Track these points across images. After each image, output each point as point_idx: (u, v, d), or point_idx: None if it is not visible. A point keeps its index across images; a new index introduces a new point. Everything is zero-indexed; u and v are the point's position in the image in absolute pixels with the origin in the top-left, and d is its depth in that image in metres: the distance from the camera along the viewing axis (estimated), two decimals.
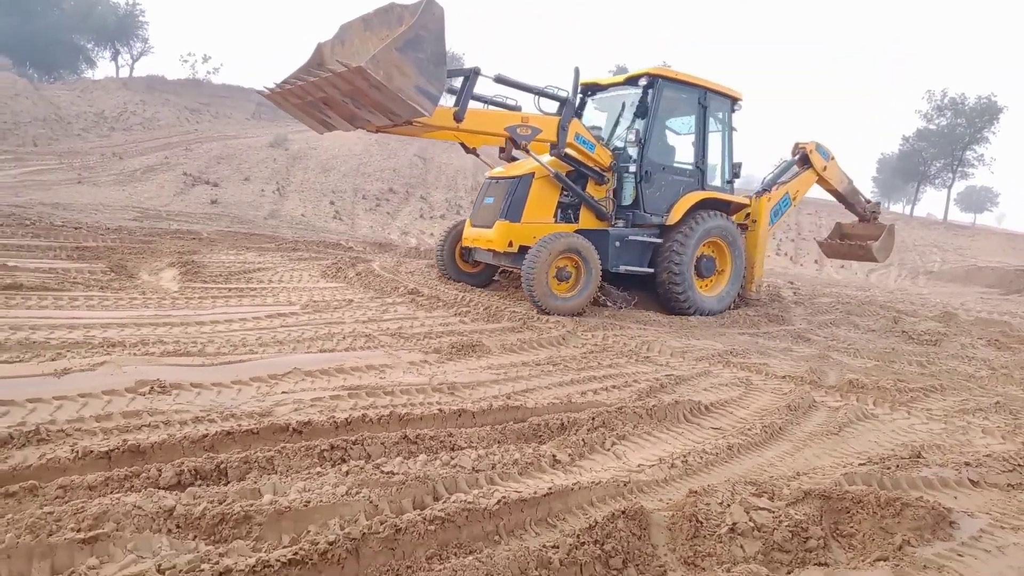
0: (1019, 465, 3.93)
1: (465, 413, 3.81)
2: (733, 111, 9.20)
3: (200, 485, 2.75)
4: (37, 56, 39.54)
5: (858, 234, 11.74)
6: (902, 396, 5.32)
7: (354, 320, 6.06)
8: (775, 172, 10.64)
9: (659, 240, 8.57)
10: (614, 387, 4.80)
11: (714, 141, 9.12)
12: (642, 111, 8.62)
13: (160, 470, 2.77)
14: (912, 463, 3.89)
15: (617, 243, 8.30)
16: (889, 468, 3.74)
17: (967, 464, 3.89)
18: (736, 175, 9.34)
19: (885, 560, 2.83)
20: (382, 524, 2.50)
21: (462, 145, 7.94)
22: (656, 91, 8.54)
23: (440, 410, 3.77)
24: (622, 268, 8.37)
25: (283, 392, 3.94)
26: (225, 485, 2.76)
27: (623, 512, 2.81)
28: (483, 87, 7.76)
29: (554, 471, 3.35)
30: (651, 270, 8.59)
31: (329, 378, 4.30)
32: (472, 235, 8.47)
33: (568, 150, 8.04)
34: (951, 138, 46.66)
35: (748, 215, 9.75)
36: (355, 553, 2.40)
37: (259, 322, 5.66)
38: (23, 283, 5.83)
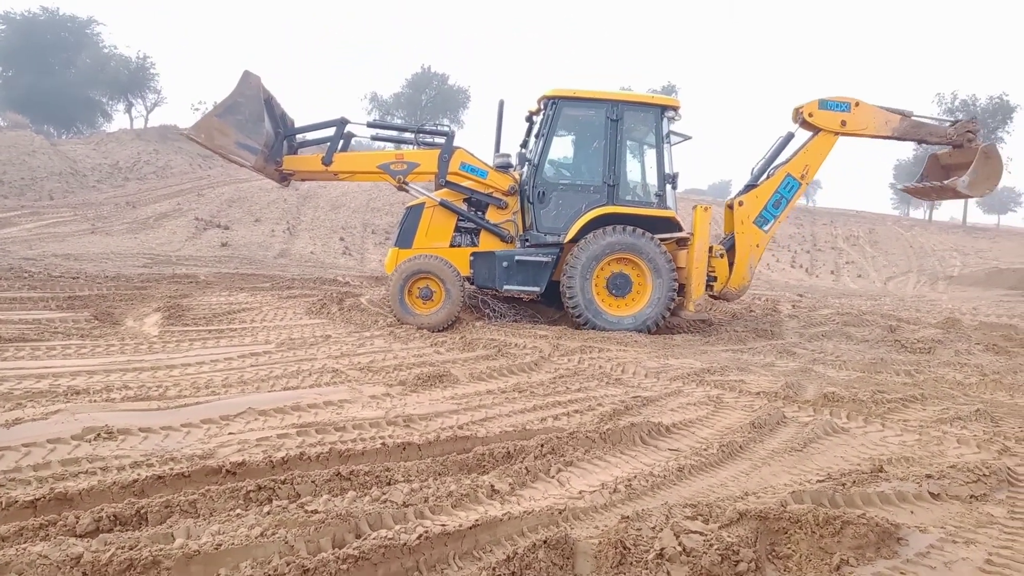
0: (984, 475, 3.81)
1: (410, 446, 3.79)
2: (665, 120, 8.85)
3: (117, 531, 2.75)
4: (55, 113, 40.79)
5: (955, 164, 9.42)
6: (879, 408, 5.20)
7: (326, 356, 6.08)
8: (767, 156, 9.49)
9: (546, 259, 8.62)
10: (576, 412, 4.75)
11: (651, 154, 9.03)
12: (540, 132, 8.87)
13: (78, 517, 2.78)
14: (872, 478, 3.79)
15: (504, 263, 8.60)
16: (845, 484, 3.64)
17: (929, 477, 3.78)
18: (672, 186, 9.02)
19: None
20: (288, 565, 2.48)
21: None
22: (553, 111, 8.74)
23: (383, 444, 3.75)
24: (506, 288, 8.71)
25: (231, 433, 3.94)
26: (141, 530, 2.76)
27: (545, 541, 2.77)
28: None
29: (491, 501, 3.30)
30: (536, 288, 8.68)
31: (283, 416, 4.30)
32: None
33: (456, 179, 8.77)
34: None
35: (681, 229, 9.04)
36: None
37: (230, 363, 5.70)
38: (1, 335, 5.93)
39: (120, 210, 25.93)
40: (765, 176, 9.26)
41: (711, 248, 8.68)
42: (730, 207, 8.97)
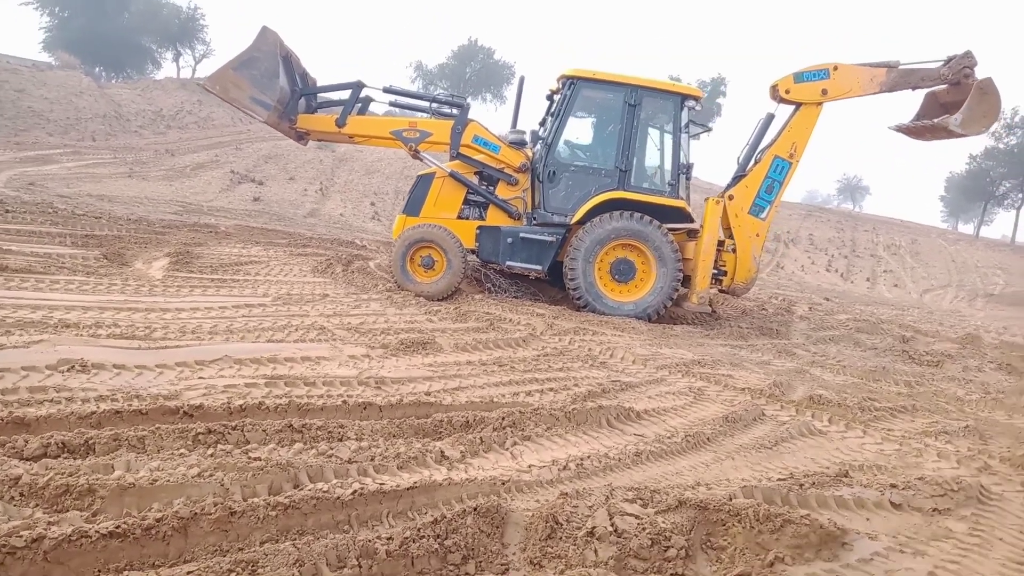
0: (952, 490, 3.71)
1: (371, 407, 3.82)
2: (684, 110, 8.65)
3: (62, 458, 2.83)
4: (106, 56, 41.51)
5: (953, 102, 8.66)
6: (864, 415, 5.09)
7: (319, 314, 6.14)
8: (751, 141, 9.09)
9: (551, 239, 8.57)
10: (551, 390, 4.74)
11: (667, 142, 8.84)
12: (556, 111, 8.77)
13: (27, 441, 2.86)
14: (834, 482, 3.72)
15: (509, 239, 8.57)
16: (804, 485, 3.59)
17: (893, 486, 3.70)
18: (686, 177, 8.87)
19: None
20: (216, 506, 2.52)
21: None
22: (571, 91, 8.63)
23: (344, 402, 3.79)
24: (509, 264, 8.67)
25: (200, 378, 4.01)
26: (84, 459, 2.83)
27: (475, 509, 2.77)
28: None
29: (437, 467, 3.32)
30: (539, 267, 8.62)
31: (257, 367, 4.36)
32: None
33: (468, 152, 8.74)
34: (1022, 158, 44.50)
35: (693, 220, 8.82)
36: (183, 531, 2.42)
37: (223, 311, 5.79)
38: (8, 265, 6.10)
39: (159, 157, 26.39)
40: (752, 163, 8.96)
41: (722, 242, 8.52)
42: (718, 202, 8.64)
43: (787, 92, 8.68)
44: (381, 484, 2.95)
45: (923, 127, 8.85)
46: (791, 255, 31.45)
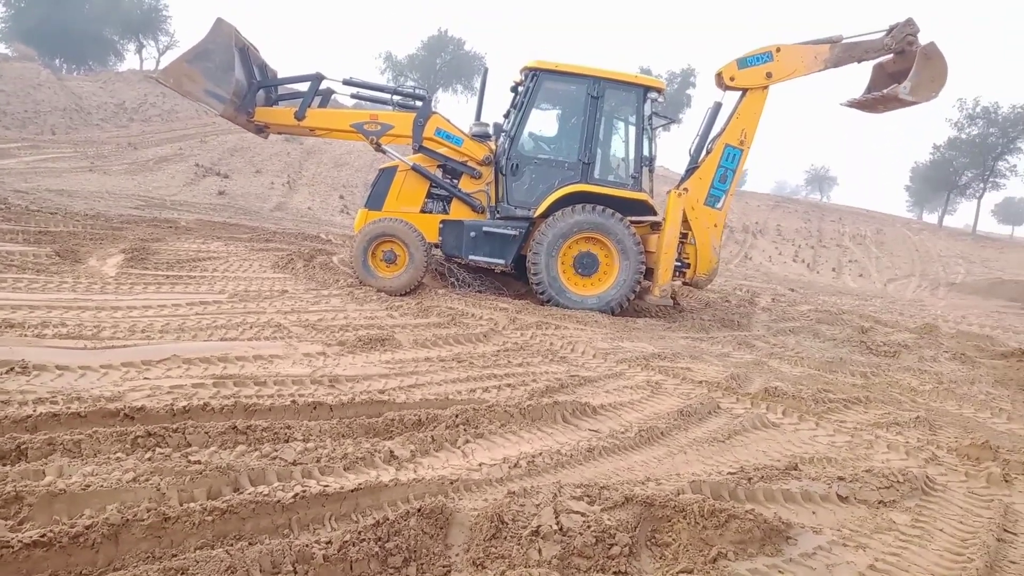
0: (898, 482, 3.77)
1: (321, 406, 3.77)
2: (648, 102, 8.61)
3: None
4: (67, 48, 40.48)
5: (900, 71, 8.60)
6: (818, 407, 5.16)
7: (276, 311, 6.05)
8: (700, 131, 9.03)
9: (514, 233, 8.55)
10: (508, 386, 4.72)
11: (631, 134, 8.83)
12: (519, 103, 8.73)
13: None
14: (783, 475, 3.76)
15: (472, 233, 8.54)
16: (752, 479, 3.61)
17: (841, 479, 3.75)
18: (649, 169, 8.86)
19: (689, 572, 2.74)
20: (149, 512, 2.46)
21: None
22: (534, 83, 8.59)
23: (293, 402, 3.73)
24: (472, 258, 8.66)
25: (146, 379, 3.93)
26: (15, 465, 2.75)
27: (419, 510, 2.75)
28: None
29: (386, 467, 3.28)
30: (502, 261, 8.61)
31: (206, 366, 4.28)
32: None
33: (430, 145, 8.73)
34: (983, 148, 45.45)
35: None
36: (113, 539, 2.37)
37: (176, 309, 5.68)
38: None
39: (121, 150, 25.83)
40: (704, 153, 8.92)
41: (685, 234, 8.55)
42: (680, 195, 8.60)
43: (732, 79, 8.64)
44: (325, 486, 2.90)
45: (874, 99, 8.84)
46: (759, 246, 31.83)
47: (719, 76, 8.75)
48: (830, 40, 8.61)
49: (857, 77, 9.19)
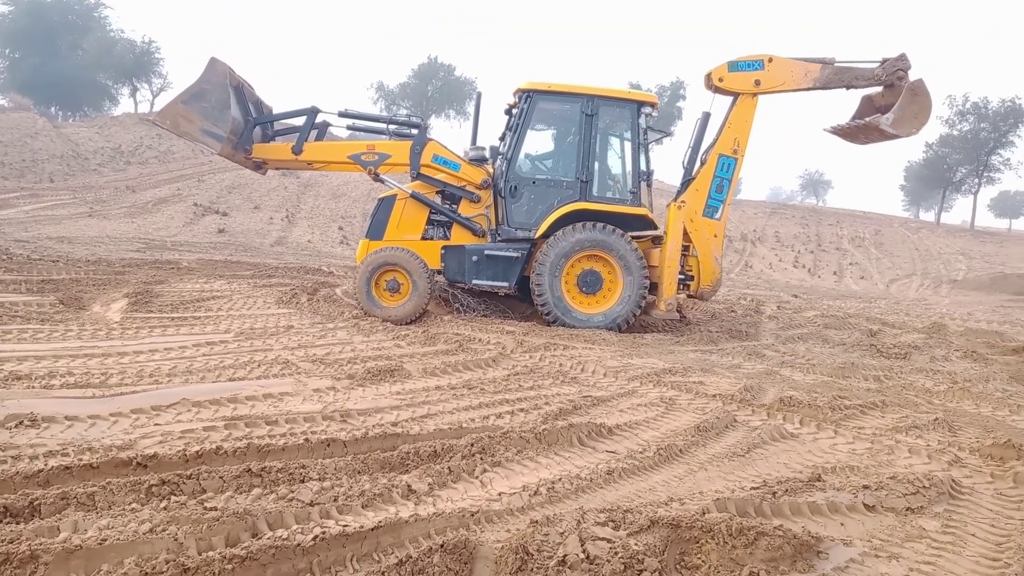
0: (924, 487, 3.71)
1: (335, 443, 3.72)
2: (642, 117, 8.65)
3: (4, 523, 2.70)
4: (62, 96, 40.93)
5: (887, 104, 8.62)
6: (835, 414, 5.09)
7: (283, 347, 6.02)
8: (692, 143, 9.01)
9: (516, 255, 8.54)
10: (522, 410, 4.67)
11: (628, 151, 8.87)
12: (514, 125, 8.76)
13: None
14: (807, 487, 3.70)
15: (474, 257, 8.54)
16: (776, 493, 3.55)
17: (866, 488, 3.69)
18: (647, 184, 8.86)
19: None
20: (168, 563, 2.42)
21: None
22: (528, 105, 8.63)
23: (307, 440, 3.68)
24: (476, 283, 8.64)
25: (156, 424, 3.88)
26: (30, 523, 2.70)
27: (442, 546, 2.69)
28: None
29: (404, 502, 3.23)
30: (506, 284, 8.58)
31: (216, 408, 4.24)
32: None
33: (428, 171, 8.74)
34: (975, 143, 45.65)
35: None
36: None
37: (183, 351, 5.65)
38: None
39: (120, 194, 25.98)
40: (699, 164, 8.93)
41: (686, 247, 8.54)
42: (679, 207, 8.60)
43: (720, 80, 8.66)
44: (344, 526, 2.85)
45: (856, 127, 8.89)
46: (759, 253, 31.85)
47: (708, 77, 8.76)
48: (822, 60, 8.66)
49: (848, 100, 9.23)
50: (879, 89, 8.77)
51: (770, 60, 8.63)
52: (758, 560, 2.85)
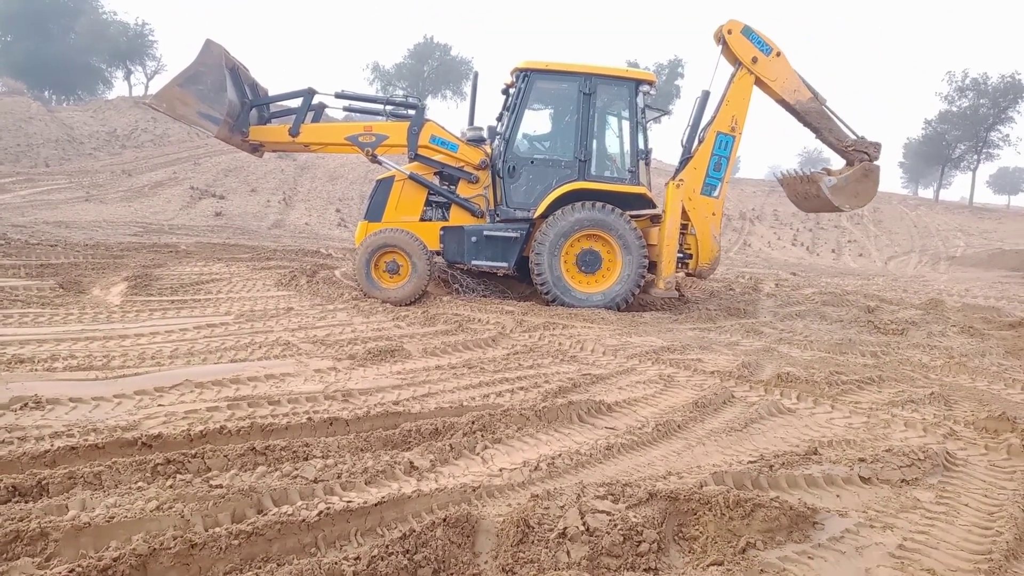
0: (919, 459, 3.76)
1: (337, 421, 3.76)
2: (640, 95, 8.64)
3: (13, 502, 2.74)
4: (56, 79, 40.59)
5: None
6: (832, 389, 5.15)
7: (283, 328, 6.05)
8: (690, 122, 8.94)
9: (515, 235, 8.52)
10: (522, 388, 4.71)
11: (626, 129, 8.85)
12: (512, 105, 8.72)
13: None
14: (804, 460, 3.75)
15: (473, 238, 8.50)
16: (773, 466, 3.60)
17: (862, 460, 3.74)
18: (646, 162, 8.84)
19: (719, 564, 2.73)
20: (175, 540, 2.46)
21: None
22: (525, 84, 8.60)
23: (309, 419, 3.72)
24: (475, 263, 8.62)
25: (160, 405, 3.92)
26: (38, 502, 2.75)
27: (444, 520, 2.74)
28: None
29: (407, 478, 3.28)
30: (505, 264, 8.56)
31: (219, 389, 4.27)
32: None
33: (426, 152, 8.70)
34: (975, 119, 45.45)
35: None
36: (142, 568, 2.36)
37: (184, 334, 5.67)
38: None
39: (116, 178, 25.86)
40: (697, 142, 8.91)
41: (685, 225, 8.54)
42: (678, 186, 8.62)
43: (729, 33, 8.62)
44: (348, 502, 2.90)
45: (798, 179, 9.06)
46: (757, 232, 31.83)
47: (721, 27, 8.70)
48: (816, 93, 8.72)
49: (843, 94, 9.20)
50: (841, 165, 8.90)
51: (778, 54, 8.63)
52: (755, 531, 2.90)
